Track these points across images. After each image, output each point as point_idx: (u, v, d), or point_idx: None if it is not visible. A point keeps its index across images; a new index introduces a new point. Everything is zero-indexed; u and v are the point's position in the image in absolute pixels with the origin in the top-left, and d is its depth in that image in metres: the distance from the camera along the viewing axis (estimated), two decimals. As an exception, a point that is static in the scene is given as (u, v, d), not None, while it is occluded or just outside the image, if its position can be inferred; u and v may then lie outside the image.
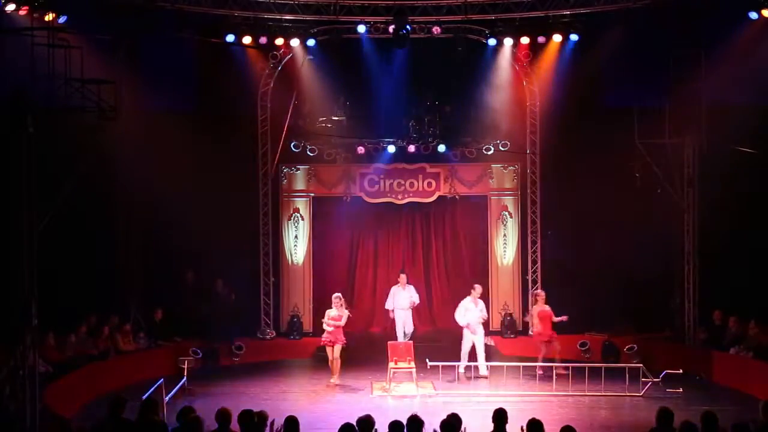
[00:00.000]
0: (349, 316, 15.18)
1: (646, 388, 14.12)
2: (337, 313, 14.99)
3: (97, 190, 15.65)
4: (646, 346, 16.47)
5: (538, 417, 7.97)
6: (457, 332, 15.84)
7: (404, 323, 16.75)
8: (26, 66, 11.54)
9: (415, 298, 16.94)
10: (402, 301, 16.78)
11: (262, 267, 18.06)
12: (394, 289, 16.92)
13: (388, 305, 16.92)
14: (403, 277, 16.99)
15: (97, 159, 13.11)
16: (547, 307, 15.83)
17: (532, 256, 18.18)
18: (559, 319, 15.77)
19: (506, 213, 18.54)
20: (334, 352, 14.90)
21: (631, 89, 16.21)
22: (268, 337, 17.90)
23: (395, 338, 16.26)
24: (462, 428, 7.79)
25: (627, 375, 14.25)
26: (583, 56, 17.17)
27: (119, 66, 15.41)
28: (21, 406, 11.09)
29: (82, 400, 13.48)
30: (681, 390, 14.12)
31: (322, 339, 15.20)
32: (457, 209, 18.70)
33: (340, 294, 15.39)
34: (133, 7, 15.29)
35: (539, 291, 16.54)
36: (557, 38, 17.00)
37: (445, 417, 7.90)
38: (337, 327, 14.92)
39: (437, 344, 16.89)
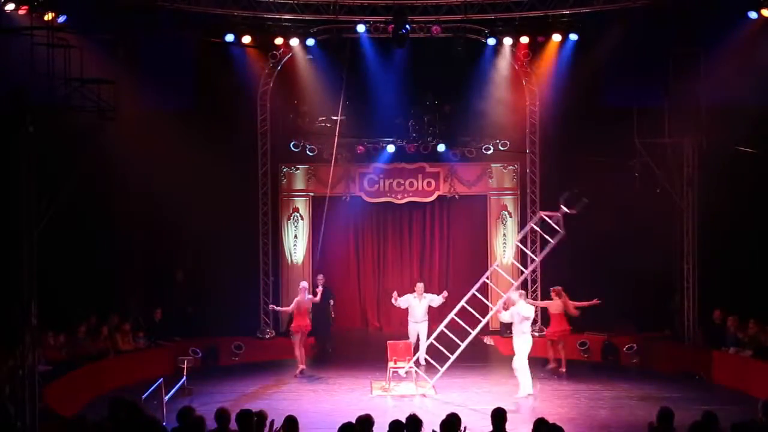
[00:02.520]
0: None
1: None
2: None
3: (97, 190, 15.66)
4: (646, 345, 16.49)
5: (537, 416, 7.94)
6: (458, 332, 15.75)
7: (419, 336, 15.67)
8: (26, 65, 11.52)
9: (435, 303, 15.84)
10: (418, 313, 15.78)
11: (262, 266, 18.07)
12: (409, 299, 15.84)
13: (400, 304, 15.84)
14: (420, 287, 15.97)
15: (97, 159, 13.10)
16: (559, 302, 15.55)
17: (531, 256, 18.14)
18: (581, 304, 15.50)
19: (506, 213, 18.56)
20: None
21: (631, 89, 16.19)
22: (267, 336, 17.90)
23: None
24: (462, 428, 7.78)
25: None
26: (583, 56, 17.18)
27: (119, 66, 15.44)
28: (21, 406, 11.08)
29: (82, 400, 13.46)
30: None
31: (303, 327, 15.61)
32: (457, 209, 18.69)
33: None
34: (132, 6, 15.30)
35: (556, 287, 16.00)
36: (557, 38, 17.03)
37: (444, 416, 7.89)
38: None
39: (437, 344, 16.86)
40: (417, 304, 15.83)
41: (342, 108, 17.06)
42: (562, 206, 14.80)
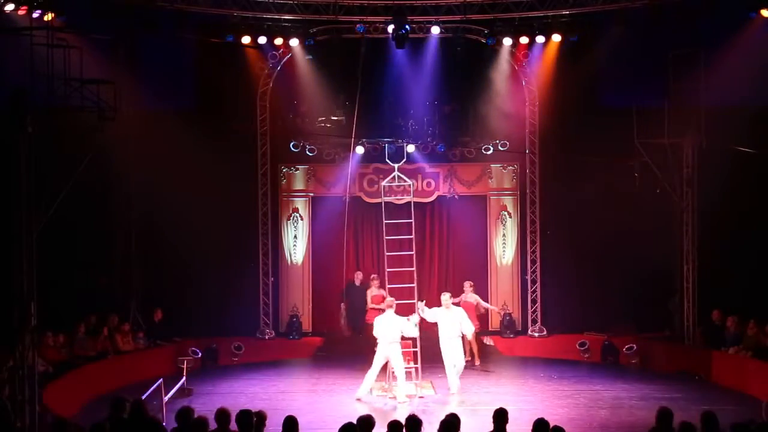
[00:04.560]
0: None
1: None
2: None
3: (97, 190, 15.67)
4: (646, 346, 16.50)
5: (537, 416, 7.93)
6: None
7: (453, 355, 14.09)
8: (25, 66, 11.52)
9: (467, 328, 14.39)
10: (449, 327, 14.10)
11: (261, 267, 18.06)
12: (437, 313, 14.27)
13: (427, 316, 14.19)
14: (446, 299, 14.43)
15: (97, 159, 13.09)
16: (470, 298, 16.04)
17: (531, 256, 18.17)
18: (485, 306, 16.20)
19: (505, 213, 18.55)
20: None
21: (631, 89, 16.21)
22: (267, 336, 17.90)
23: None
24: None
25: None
26: (583, 56, 17.16)
27: (118, 66, 15.49)
28: (20, 406, 11.07)
29: (82, 400, 13.47)
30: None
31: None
32: (457, 209, 18.67)
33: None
34: (132, 6, 15.30)
35: (466, 281, 16.70)
36: (556, 38, 16.99)
37: (444, 416, 7.89)
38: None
39: (437, 345, 16.83)
40: (446, 316, 14.24)
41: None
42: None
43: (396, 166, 15.64)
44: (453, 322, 14.15)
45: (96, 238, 16.46)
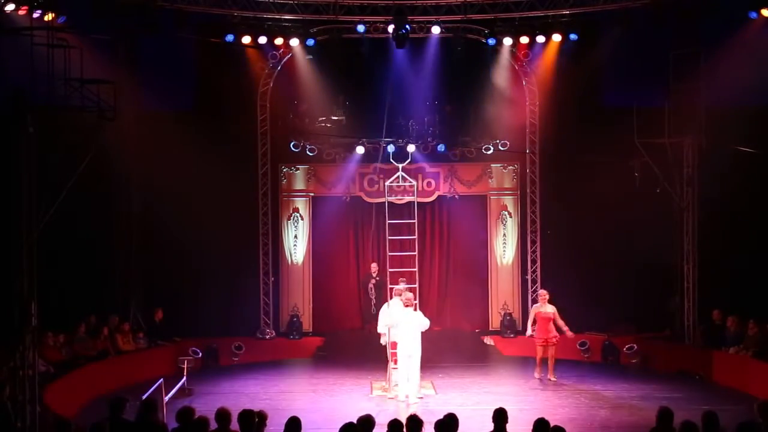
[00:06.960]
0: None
1: None
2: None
3: (97, 190, 15.67)
4: (646, 346, 16.50)
5: (537, 416, 7.93)
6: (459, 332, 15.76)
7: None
8: (26, 66, 11.52)
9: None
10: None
11: (262, 267, 18.07)
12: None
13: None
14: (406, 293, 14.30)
15: (97, 159, 13.10)
16: (548, 309, 15.21)
17: (531, 256, 18.18)
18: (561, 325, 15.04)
19: (506, 213, 18.55)
20: None
21: (631, 89, 16.23)
22: (267, 336, 17.90)
23: None
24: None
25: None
26: (583, 56, 17.19)
27: (119, 66, 15.49)
28: (20, 406, 11.07)
29: (82, 400, 13.47)
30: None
31: None
32: (457, 209, 18.67)
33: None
34: (132, 6, 15.30)
35: (542, 291, 15.83)
36: (557, 38, 17.01)
37: (442, 416, 7.87)
38: None
39: (438, 345, 16.85)
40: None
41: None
42: None
43: (400, 166, 15.69)
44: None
45: (96, 238, 16.45)
